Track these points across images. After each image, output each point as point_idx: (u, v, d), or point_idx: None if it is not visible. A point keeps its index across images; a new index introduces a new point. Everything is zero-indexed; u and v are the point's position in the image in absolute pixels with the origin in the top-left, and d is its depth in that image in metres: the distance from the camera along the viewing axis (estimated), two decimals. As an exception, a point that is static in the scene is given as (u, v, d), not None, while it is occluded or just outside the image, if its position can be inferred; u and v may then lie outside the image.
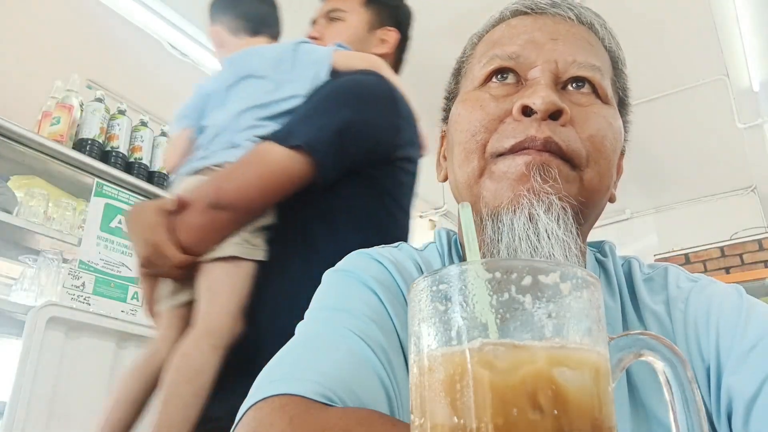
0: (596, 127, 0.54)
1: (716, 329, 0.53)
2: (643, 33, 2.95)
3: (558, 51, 0.56)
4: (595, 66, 0.57)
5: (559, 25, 0.59)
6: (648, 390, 0.52)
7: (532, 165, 0.51)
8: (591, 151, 0.54)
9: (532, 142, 0.51)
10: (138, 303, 1.91)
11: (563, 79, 0.56)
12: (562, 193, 0.51)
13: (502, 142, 0.53)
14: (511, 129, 0.53)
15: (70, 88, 2.06)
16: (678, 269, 0.62)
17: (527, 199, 0.50)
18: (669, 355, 0.28)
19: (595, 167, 0.54)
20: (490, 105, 0.56)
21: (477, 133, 0.55)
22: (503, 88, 0.56)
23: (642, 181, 4.38)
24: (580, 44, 0.58)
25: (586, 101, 0.56)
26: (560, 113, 0.52)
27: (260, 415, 0.43)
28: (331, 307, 0.55)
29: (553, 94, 0.52)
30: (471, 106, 0.57)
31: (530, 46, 0.57)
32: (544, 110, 0.51)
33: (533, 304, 0.25)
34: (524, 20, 0.60)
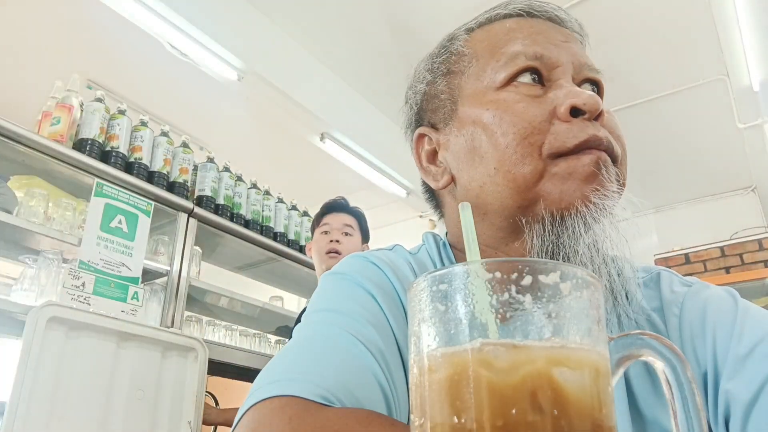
0: (618, 126, 0.57)
1: (712, 334, 0.52)
2: (643, 33, 2.95)
3: (571, 53, 0.57)
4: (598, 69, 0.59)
5: (561, 30, 0.60)
6: (645, 393, 0.52)
7: (598, 163, 0.52)
8: (621, 151, 0.56)
9: (596, 141, 0.52)
10: (138, 303, 1.91)
11: (579, 80, 0.57)
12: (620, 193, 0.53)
13: (564, 142, 0.52)
14: (567, 129, 0.52)
15: (70, 88, 2.06)
16: (671, 273, 0.62)
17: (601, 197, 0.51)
18: (669, 355, 0.28)
19: (623, 167, 0.56)
20: (531, 106, 0.54)
21: (529, 135, 0.53)
22: (533, 89, 0.56)
23: (642, 181, 4.38)
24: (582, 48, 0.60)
25: None
26: (601, 115, 0.54)
27: (259, 416, 0.43)
28: (328, 309, 0.55)
29: (595, 95, 0.53)
30: (507, 107, 0.55)
31: (550, 47, 0.57)
32: (593, 111, 0.52)
33: (533, 304, 0.25)
34: (528, 22, 0.60)
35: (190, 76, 3.01)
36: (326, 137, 3.28)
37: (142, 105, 3.41)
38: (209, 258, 2.68)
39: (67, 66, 2.79)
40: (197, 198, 2.39)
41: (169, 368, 1.83)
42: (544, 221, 0.52)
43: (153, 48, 2.68)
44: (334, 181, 4.07)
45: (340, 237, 2.05)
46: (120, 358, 1.69)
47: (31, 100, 2.39)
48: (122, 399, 1.65)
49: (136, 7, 2.35)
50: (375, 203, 4.28)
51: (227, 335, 2.57)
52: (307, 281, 2.89)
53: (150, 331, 1.78)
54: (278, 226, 2.75)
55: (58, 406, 1.50)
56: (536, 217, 0.53)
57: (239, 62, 2.71)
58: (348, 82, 3.41)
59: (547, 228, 0.52)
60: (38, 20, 2.93)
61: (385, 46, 3.08)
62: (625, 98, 3.40)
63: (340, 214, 2.13)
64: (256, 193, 2.69)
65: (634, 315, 0.58)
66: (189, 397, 1.84)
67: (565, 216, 0.51)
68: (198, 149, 2.62)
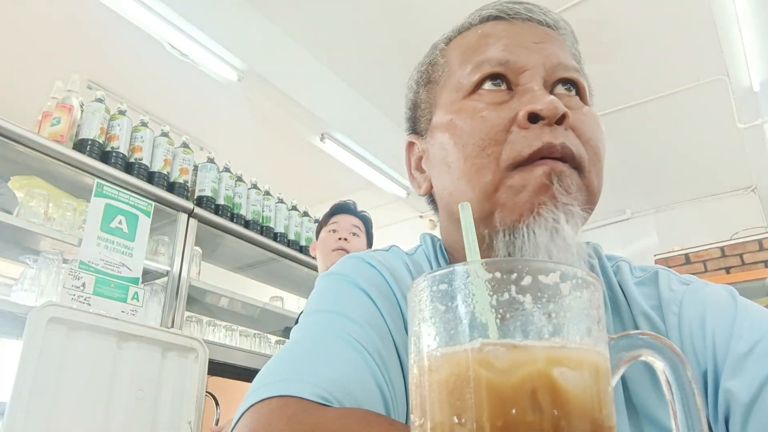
0: (591, 129, 0.55)
1: (712, 333, 0.52)
2: (643, 33, 2.95)
3: (545, 54, 0.56)
4: (576, 68, 0.57)
5: (537, 30, 0.58)
6: (642, 390, 0.52)
7: (551, 175, 0.50)
8: (591, 155, 0.54)
9: (549, 149, 0.51)
10: (138, 303, 1.91)
11: (551, 81, 0.56)
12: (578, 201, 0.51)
13: (519, 152, 0.52)
14: (523, 137, 0.52)
15: (70, 88, 2.06)
16: (668, 272, 0.62)
17: (549, 209, 0.50)
18: (669, 355, 0.28)
19: (594, 171, 0.54)
20: (491, 114, 0.54)
21: (487, 146, 0.53)
22: (497, 95, 0.55)
23: (642, 181, 4.38)
24: (560, 47, 0.58)
25: (575, 104, 0.56)
26: (564, 118, 0.52)
27: (258, 416, 0.43)
28: (326, 310, 0.55)
29: (556, 99, 0.52)
30: (469, 116, 0.55)
31: (518, 51, 0.56)
32: (552, 116, 0.51)
33: (533, 304, 0.25)
34: (500, 25, 0.59)
35: (190, 76, 3.01)
36: (326, 137, 3.28)
37: (142, 105, 3.41)
38: (209, 258, 2.68)
39: (67, 66, 2.79)
40: (197, 198, 2.39)
41: (169, 368, 1.83)
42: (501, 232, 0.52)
43: (153, 48, 2.68)
44: (334, 181, 4.08)
45: (348, 236, 2.05)
46: (120, 359, 1.69)
47: (31, 101, 2.39)
48: (122, 399, 1.65)
49: (136, 7, 2.35)
50: (375, 203, 4.28)
51: (227, 335, 2.57)
52: (308, 281, 2.88)
53: (150, 332, 1.78)
54: (278, 227, 2.75)
55: (58, 406, 1.50)
56: (495, 227, 0.53)
57: (239, 62, 2.72)
58: (348, 82, 3.41)
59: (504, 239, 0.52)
60: (38, 20, 2.93)
61: (386, 47, 3.08)
62: (625, 98, 3.40)
63: (349, 215, 2.13)
64: (256, 194, 2.69)
65: (631, 313, 0.58)
66: (189, 397, 1.84)
67: (516, 227, 0.51)
68: (198, 149, 2.62)
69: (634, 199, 4.64)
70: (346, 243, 2.03)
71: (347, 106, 3.44)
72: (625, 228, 4.76)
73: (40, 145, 1.84)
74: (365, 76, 3.34)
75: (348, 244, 2.03)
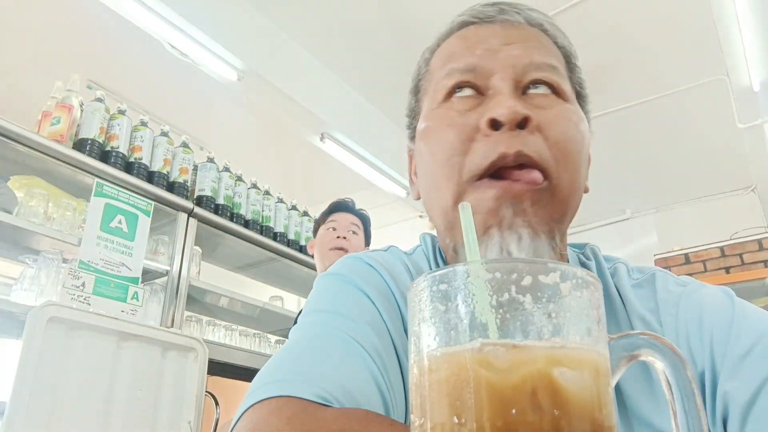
0: (561, 130, 0.53)
1: (710, 335, 0.52)
2: (643, 33, 2.95)
3: (514, 55, 0.55)
4: (552, 65, 0.56)
5: (510, 30, 0.58)
6: (636, 393, 0.52)
7: (501, 199, 0.50)
8: (559, 157, 0.52)
9: (503, 160, 0.50)
10: (138, 303, 1.91)
11: (523, 83, 0.55)
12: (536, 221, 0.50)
13: (477, 164, 0.51)
14: (483, 147, 0.51)
15: (70, 88, 2.06)
16: (666, 273, 0.61)
17: (498, 232, 0.49)
18: (669, 355, 0.28)
19: (564, 174, 0.52)
20: (458, 122, 0.54)
21: (451, 156, 0.53)
22: (467, 102, 0.55)
23: (642, 181, 4.38)
24: (534, 46, 0.57)
25: (548, 103, 0.54)
26: (527, 121, 0.51)
27: (257, 416, 0.43)
28: (324, 310, 0.55)
29: (517, 103, 0.51)
30: (438, 124, 0.56)
31: (486, 55, 0.56)
32: (510, 120, 0.50)
33: (533, 304, 0.25)
34: (474, 30, 0.59)
35: (190, 76, 3.01)
36: (326, 137, 3.28)
37: (142, 105, 3.41)
38: (209, 258, 2.68)
39: (67, 66, 2.79)
40: (197, 198, 2.39)
41: (169, 368, 1.82)
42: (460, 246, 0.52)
43: (153, 48, 2.68)
44: (334, 181, 4.08)
45: (347, 234, 2.05)
46: (120, 358, 1.69)
47: (31, 100, 2.39)
48: (122, 399, 1.65)
49: (136, 8, 2.35)
50: (375, 203, 4.28)
51: (227, 335, 2.57)
52: (307, 281, 2.88)
53: (150, 331, 1.78)
54: (278, 226, 2.75)
55: (58, 406, 1.50)
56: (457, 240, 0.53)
57: (239, 62, 2.71)
58: (348, 82, 3.41)
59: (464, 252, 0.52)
60: (38, 20, 2.93)
61: (385, 46, 3.08)
62: (624, 98, 3.40)
63: (348, 213, 2.13)
64: (256, 193, 2.69)
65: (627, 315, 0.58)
66: (189, 397, 1.84)
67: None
68: (198, 149, 2.62)
69: (634, 199, 4.64)
70: (345, 241, 2.02)
71: (347, 106, 3.44)
72: (625, 228, 4.76)
73: (39, 145, 1.84)
74: (365, 76, 3.34)
75: (347, 243, 2.02)
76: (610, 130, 3.64)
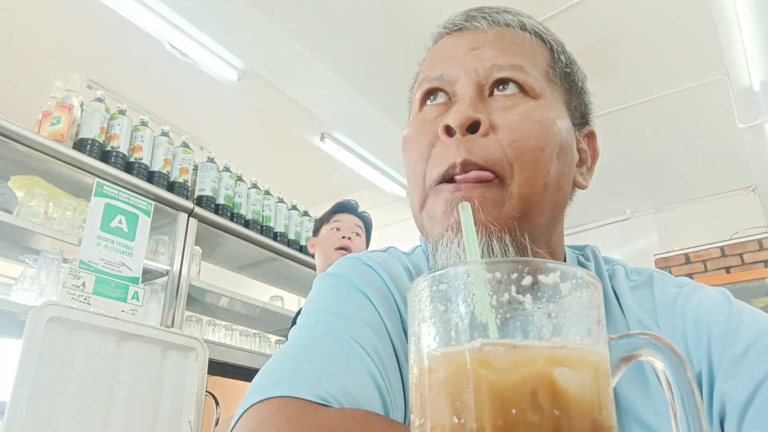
0: (519, 129, 0.53)
1: (707, 336, 0.52)
2: (643, 33, 2.95)
3: (476, 60, 0.56)
4: (516, 65, 0.55)
5: (478, 35, 0.59)
6: (631, 393, 0.52)
7: (451, 202, 0.51)
8: (514, 156, 0.52)
9: (452, 169, 0.52)
10: (138, 303, 1.91)
11: (487, 85, 0.55)
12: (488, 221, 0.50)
13: (432, 172, 0.54)
14: (438, 154, 0.54)
15: (70, 88, 2.06)
16: (663, 275, 0.62)
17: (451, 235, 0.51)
18: (669, 355, 0.28)
19: (522, 173, 0.52)
20: (423, 129, 0.57)
21: (417, 163, 0.56)
22: (435, 109, 0.57)
23: (642, 181, 4.38)
24: (500, 47, 0.57)
25: (512, 103, 0.54)
26: (477, 124, 0.52)
27: (257, 416, 0.43)
28: (323, 311, 0.56)
29: (468, 108, 0.52)
30: (411, 132, 0.59)
31: (450, 62, 0.57)
32: (459, 126, 0.52)
33: (533, 304, 0.25)
34: (447, 40, 0.61)
35: (190, 76, 3.01)
36: (326, 137, 3.27)
37: (142, 105, 3.41)
38: (209, 258, 2.68)
39: (67, 66, 2.79)
40: (197, 198, 2.39)
41: (169, 368, 1.82)
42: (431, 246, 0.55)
43: (153, 48, 2.68)
44: (334, 181, 4.07)
45: (351, 236, 2.05)
46: (120, 358, 1.69)
47: (31, 100, 2.39)
48: (122, 399, 1.65)
49: (136, 7, 2.35)
50: (375, 203, 4.27)
51: (227, 335, 2.57)
52: (307, 281, 2.88)
53: (150, 331, 1.78)
54: (278, 226, 2.75)
55: (58, 406, 1.50)
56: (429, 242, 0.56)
57: (239, 62, 2.71)
58: (348, 82, 3.41)
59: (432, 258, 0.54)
60: (38, 20, 2.93)
61: (386, 46, 3.08)
62: (625, 98, 3.40)
63: (352, 215, 2.14)
64: (256, 193, 2.69)
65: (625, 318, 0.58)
66: (189, 397, 1.84)
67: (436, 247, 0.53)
68: (198, 149, 2.62)
69: (634, 199, 4.64)
70: (350, 242, 2.03)
71: (347, 106, 3.44)
72: (625, 228, 4.76)
73: (40, 145, 1.84)
74: (365, 76, 3.34)
75: (351, 243, 2.03)
76: (609, 129, 3.64)
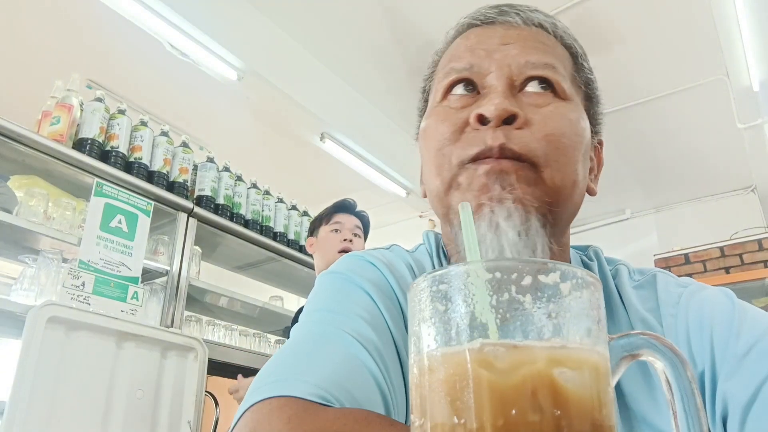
0: (552, 125, 0.54)
1: (710, 336, 0.52)
2: (643, 33, 2.95)
3: (510, 55, 0.57)
4: (549, 64, 0.57)
5: (510, 31, 0.59)
6: (635, 389, 0.53)
7: (490, 173, 0.52)
8: (548, 149, 0.53)
9: (489, 151, 0.52)
10: (138, 303, 1.91)
11: (519, 81, 0.56)
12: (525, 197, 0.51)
13: (466, 151, 0.54)
14: (471, 138, 0.54)
15: (70, 87, 2.06)
16: (666, 275, 0.62)
17: (489, 207, 0.51)
18: (669, 355, 0.28)
19: (555, 165, 0.53)
20: (451, 117, 0.57)
21: (443, 146, 0.56)
22: (462, 100, 0.58)
23: (642, 181, 4.38)
24: (533, 45, 0.58)
25: (543, 101, 0.55)
26: (514, 117, 0.53)
27: (258, 416, 0.43)
28: (325, 309, 0.56)
29: (505, 101, 0.53)
30: (434, 120, 0.59)
31: (483, 54, 0.58)
32: (496, 117, 0.52)
33: (533, 304, 0.25)
34: (476, 32, 0.61)
35: (190, 76, 3.01)
36: (326, 137, 3.27)
37: (142, 105, 3.41)
38: (209, 258, 2.68)
39: (67, 66, 2.79)
40: (197, 198, 2.39)
41: (169, 368, 1.83)
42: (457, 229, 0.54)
43: (153, 48, 2.68)
44: (334, 181, 4.07)
45: (352, 237, 2.04)
46: (120, 358, 1.69)
47: (31, 100, 2.39)
48: (122, 399, 1.65)
49: (136, 7, 2.35)
50: (375, 203, 4.27)
51: (227, 335, 2.57)
52: (307, 281, 2.88)
53: (150, 331, 1.78)
54: (278, 226, 2.75)
55: (58, 406, 1.50)
56: (453, 225, 0.56)
57: (239, 62, 2.71)
58: (348, 82, 3.40)
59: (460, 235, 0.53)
60: (38, 20, 2.93)
61: (386, 46, 3.08)
62: (625, 98, 3.40)
63: (352, 216, 2.13)
64: (255, 193, 2.69)
65: (628, 317, 0.58)
66: (189, 397, 1.84)
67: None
68: (198, 149, 2.62)
69: (634, 199, 4.64)
70: (351, 245, 2.02)
71: (347, 106, 3.44)
72: (625, 228, 4.76)
73: (39, 145, 1.84)
74: (365, 76, 3.34)
75: (352, 245, 2.02)
76: (609, 129, 3.64)
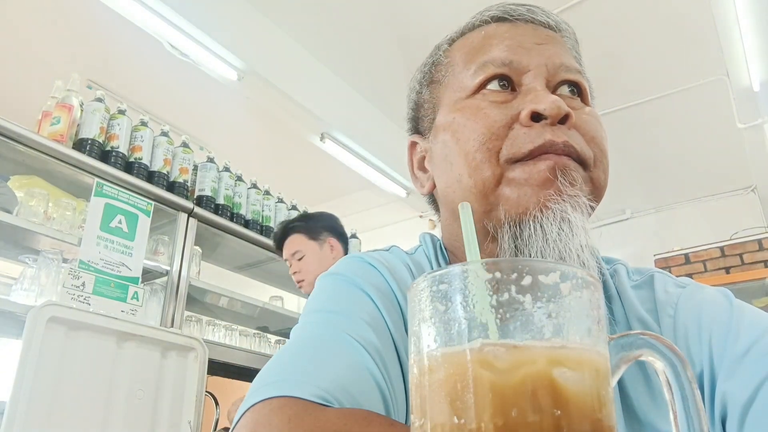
0: (595, 128, 0.56)
1: (708, 336, 0.52)
2: (643, 33, 2.95)
3: (546, 55, 0.57)
4: (578, 69, 0.58)
5: (538, 31, 0.59)
6: (639, 394, 0.53)
7: (555, 168, 0.52)
8: (596, 152, 0.55)
9: (552, 146, 0.52)
10: (138, 303, 1.91)
11: (554, 83, 0.57)
12: (584, 192, 0.53)
13: (520, 148, 0.53)
14: (525, 134, 0.53)
15: (70, 88, 2.05)
16: (664, 275, 0.62)
17: (556, 202, 0.51)
18: (669, 355, 0.28)
19: (600, 167, 0.56)
20: (493, 112, 0.55)
21: (487, 140, 0.54)
22: (501, 95, 0.56)
23: (642, 181, 4.38)
24: (564, 49, 0.59)
25: (577, 104, 0.57)
26: (567, 118, 0.53)
27: (258, 416, 0.43)
28: (325, 310, 0.56)
29: (559, 99, 0.53)
30: (472, 114, 0.56)
31: (521, 51, 0.57)
32: (555, 115, 0.52)
33: (533, 304, 0.25)
34: (503, 26, 0.60)
35: (190, 76, 3.01)
36: (326, 137, 3.27)
37: (142, 105, 3.41)
38: (209, 258, 2.68)
39: (67, 66, 2.79)
40: (197, 198, 2.39)
41: (169, 368, 1.82)
42: (505, 225, 0.53)
43: (153, 48, 2.68)
44: (334, 181, 4.07)
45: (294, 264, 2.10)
46: (120, 358, 1.69)
47: (31, 100, 2.39)
48: (122, 399, 1.65)
49: (136, 7, 2.35)
50: (375, 203, 4.28)
51: (227, 335, 2.57)
52: (307, 281, 2.88)
53: (150, 331, 1.78)
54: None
55: (58, 406, 1.49)
56: (499, 221, 0.54)
57: (239, 62, 2.71)
58: (348, 82, 3.40)
59: (509, 232, 0.53)
60: (38, 20, 2.93)
61: (386, 46, 3.08)
62: (625, 98, 3.40)
63: (279, 250, 2.18)
64: (256, 193, 2.69)
65: (626, 317, 0.58)
66: (189, 397, 1.84)
67: (522, 220, 0.52)
68: (198, 149, 2.62)
69: (634, 199, 4.64)
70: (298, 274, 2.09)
71: (347, 106, 3.44)
72: (625, 228, 4.75)
73: (39, 145, 1.84)
74: (365, 76, 3.34)
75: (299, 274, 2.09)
76: (609, 129, 3.61)
